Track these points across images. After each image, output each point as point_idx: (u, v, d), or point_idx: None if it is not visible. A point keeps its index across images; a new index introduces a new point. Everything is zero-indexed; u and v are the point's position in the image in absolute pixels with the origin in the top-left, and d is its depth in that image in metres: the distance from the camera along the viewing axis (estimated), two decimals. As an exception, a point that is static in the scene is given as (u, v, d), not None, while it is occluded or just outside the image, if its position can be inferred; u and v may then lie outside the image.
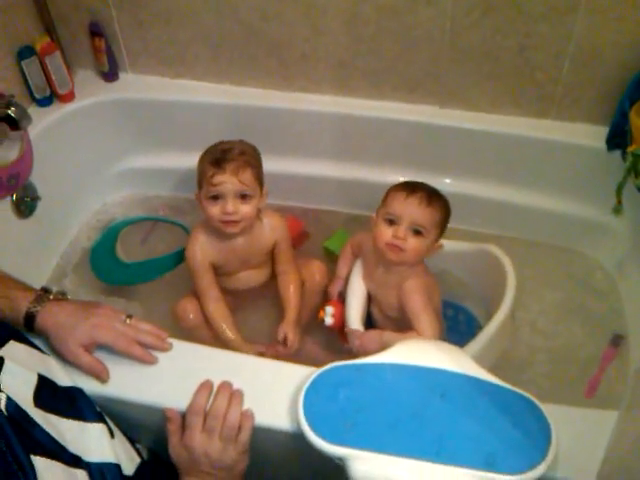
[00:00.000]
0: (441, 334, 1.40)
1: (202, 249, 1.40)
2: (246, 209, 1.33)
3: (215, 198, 1.32)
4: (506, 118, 1.58)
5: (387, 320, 1.42)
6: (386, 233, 1.29)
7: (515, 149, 1.58)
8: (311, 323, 1.50)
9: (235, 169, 1.30)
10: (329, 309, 1.41)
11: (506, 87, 1.53)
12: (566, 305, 1.57)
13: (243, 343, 1.41)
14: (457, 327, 1.49)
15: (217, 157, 1.31)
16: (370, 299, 1.44)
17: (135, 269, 1.67)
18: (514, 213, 1.68)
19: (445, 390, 0.96)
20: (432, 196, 1.30)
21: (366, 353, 1.25)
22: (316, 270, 1.50)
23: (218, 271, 1.45)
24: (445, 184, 1.62)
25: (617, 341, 1.47)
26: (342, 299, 1.45)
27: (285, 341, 1.39)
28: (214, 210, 1.33)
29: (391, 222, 1.30)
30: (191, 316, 1.44)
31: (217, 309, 1.42)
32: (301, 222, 1.74)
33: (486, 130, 1.57)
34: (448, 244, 1.39)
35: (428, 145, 1.63)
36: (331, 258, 1.65)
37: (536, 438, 0.91)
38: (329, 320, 1.40)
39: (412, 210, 1.27)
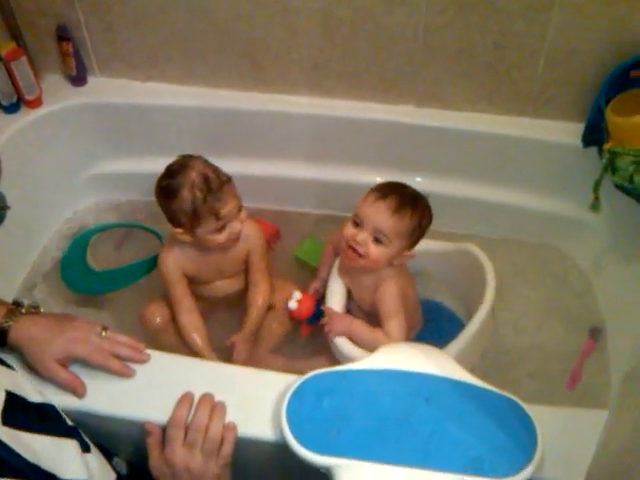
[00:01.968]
0: (416, 330, 1.40)
1: (175, 260, 1.38)
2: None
3: (223, 227, 1.30)
4: (482, 116, 1.58)
5: (360, 312, 1.41)
6: (348, 232, 1.26)
7: (491, 147, 1.58)
8: (282, 347, 1.48)
9: (229, 190, 1.28)
10: (296, 294, 1.39)
11: (482, 85, 1.53)
12: (545, 302, 1.57)
13: (213, 356, 1.38)
14: (439, 326, 1.48)
15: (210, 189, 1.25)
16: (349, 295, 1.42)
17: (106, 277, 1.63)
18: (490, 211, 1.68)
19: (430, 395, 0.95)
20: (404, 204, 1.23)
21: (333, 333, 1.28)
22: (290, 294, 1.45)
23: (192, 281, 1.42)
24: (419, 183, 1.61)
25: (595, 333, 1.49)
26: (316, 297, 1.44)
27: (232, 347, 1.37)
28: (222, 237, 1.30)
29: (356, 224, 1.26)
30: (157, 320, 1.42)
31: (190, 322, 1.40)
32: (274, 226, 1.72)
33: (461, 129, 1.57)
34: (427, 244, 1.38)
35: (403, 144, 1.63)
36: (303, 267, 1.64)
37: (522, 440, 0.90)
38: (293, 304, 1.38)
39: (376, 216, 1.22)
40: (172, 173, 1.27)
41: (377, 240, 1.23)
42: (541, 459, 0.88)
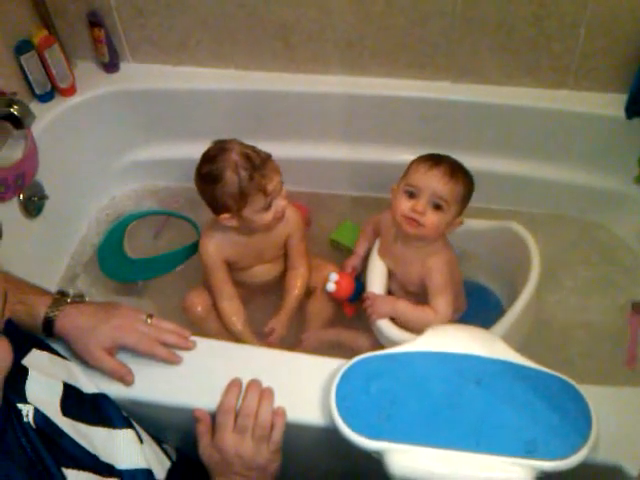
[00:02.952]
0: (460, 312, 1.38)
1: (217, 246, 1.37)
2: None
3: (269, 206, 1.30)
4: (521, 90, 1.54)
5: (403, 293, 1.39)
6: (405, 205, 1.24)
7: (531, 122, 1.54)
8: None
9: (272, 166, 1.28)
10: (333, 276, 1.39)
11: (521, 59, 1.49)
12: (591, 279, 1.54)
13: (252, 338, 1.39)
14: (481, 308, 1.46)
15: (254, 166, 1.25)
16: (389, 276, 1.40)
17: (142, 265, 1.64)
18: (531, 187, 1.65)
19: (480, 377, 0.93)
20: (456, 169, 1.24)
21: (376, 315, 1.27)
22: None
23: (232, 267, 1.42)
24: (462, 161, 1.58)
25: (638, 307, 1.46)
26: (355, 274, 1.44)
27: (270, 333, 1.38)
28: (269, 215, 1.30)
29: (411, 195, 1.24)
30: (199, 309, 1.43)
31: (231, 306, 1.41)
32: (306, 208, 1.71)
33: (501, 103, 1.53)
34: (468, 223, 1.36)
35: (441, 122, 1.59)
36: (338, 250, 1.62)
37: (576, 421, 0.89)
38: (331, 286, 1.38)
39: (434, 183, 1.22)
40: (211, 158, 1.26)
41: (436, 206, 1.23)
42: (596, 440, 0.87)
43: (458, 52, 1.50)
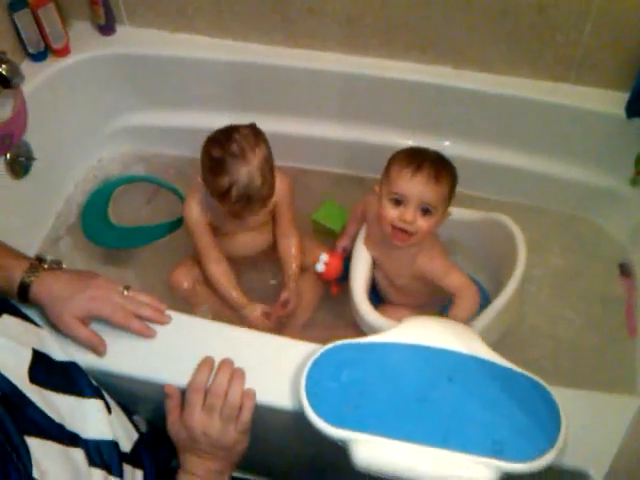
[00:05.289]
0: (446, 302, 1.38)
1: (200, 207, 1.36)
2: None
3: None
4: (522, 81, 1.51)
5: (392, 288, 1.39)
6: (392, 214, 1.22)
7: (530, 113, 1.52)
8: (314, 316, 1.49)
9: (262, 204, 1.28)
10: (323, 256, 1.39)
11: (523, 48, 1.46)
12: (575, 273, 1.54)
13: (247, 302, 1.39)
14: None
15: (247, 199, 1.23)
16: (374, 265, 1.39)
17: (123, 233, 1.63)
18: (524, 179, 1.63)
19: (453, 372, 0.93)
20: (440, 170, 1.21)
21: None
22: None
23: (217, 232, 1.41)
24: (454, 148, 1.57)
25: (626, 270, 1.49)
26: (344, 254, 1.43)
27: (285, 304, 1.39)
28: None
29: (397, 202, 1.22)
30: (185, 285, 1.43)
31: (218, 269, 1.40)
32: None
33: (501, 93, 1.51)
34: (457, 212, 1.35)
35: (438, 107, 1.57)
36: (320, 230, 1.61)
37: (545, 424, 0.88)
38: (320, 267, 1.39)
39: (420, 190, 1.18)
40: (228, 153, 1.21)
41: (425, 212, 1.21)
42: (564, 445, 0.86)
43: (460, 37, 1.48)
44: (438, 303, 1.40)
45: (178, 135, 1.75)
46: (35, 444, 0.74)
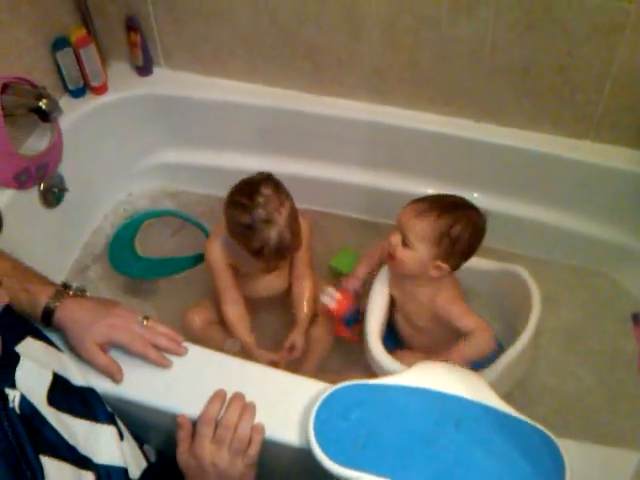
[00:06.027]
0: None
1: (221, 249, 1.39)
2: None
3: None
4: (542, 136, 1.54)
5: (413, 329, 1.39)
6: (388, 237, 1.29)
7: (549, 168, 1.54)
8: (326, 361, 1.49)
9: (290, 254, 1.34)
10: (332, 291, 1.36)
11: (544, 105, 1.50)
12: (585, 326, 1.54)
13: (256, 347, 1.40)
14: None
15: (279, 255, 1.28)
16: (394, 306, 1.40)
17: (147, 264, 1.66)
18: (542, 233, 1.65)
19: (460, 419, 0.93)
20: (431, 208, 1.22)
21: None
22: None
23: (237, 272, 1.43)
24: (473, 199, 1.58)
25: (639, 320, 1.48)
26: (353, 295, 1.42)
27: (292, 349, 1.39)
28: None
29: (396, 228, 1.28)
30: (196, 324, 1.45)
31: (235, 312, 1.42)
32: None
33: (521, 147, 1.54)
34: (475, 261, 1.36)
35: (460, 159, 1.60)
36: (336, 277, 1.62)
37: (550, 476, 0.88)
38: (331, 303, 1.35)
39: (404, 218, 1.25)
40: (255, 219, 1.23)
41: (404, 243, 1.25)
42: (568, 497, 0.86)
43: (483, 92, 1.52)
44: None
45: (207, 174, 1.80)
46: (49, 463, 0.76)
